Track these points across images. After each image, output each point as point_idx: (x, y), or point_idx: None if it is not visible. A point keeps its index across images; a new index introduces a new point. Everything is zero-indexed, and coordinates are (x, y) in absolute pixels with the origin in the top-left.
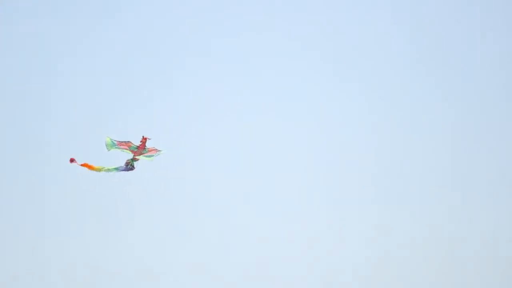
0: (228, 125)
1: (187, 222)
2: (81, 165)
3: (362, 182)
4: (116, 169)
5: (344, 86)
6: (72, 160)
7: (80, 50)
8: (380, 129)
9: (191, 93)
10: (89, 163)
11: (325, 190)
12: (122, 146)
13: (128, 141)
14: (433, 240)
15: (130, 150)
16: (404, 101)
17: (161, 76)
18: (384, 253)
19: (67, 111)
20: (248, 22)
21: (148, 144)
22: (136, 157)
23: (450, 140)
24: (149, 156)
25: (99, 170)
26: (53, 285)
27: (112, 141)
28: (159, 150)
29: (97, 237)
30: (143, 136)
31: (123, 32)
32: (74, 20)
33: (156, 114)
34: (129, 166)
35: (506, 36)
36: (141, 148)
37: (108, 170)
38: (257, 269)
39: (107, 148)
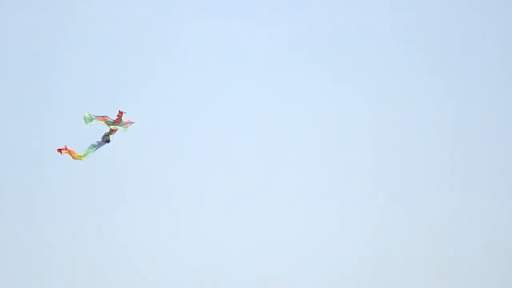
0: (227, 125)
1: (186, 222)
2: (64, 151)
3: (362, 182)
4: (94, 146)
5: (344, 86)
6: (61, 150)
7: (75, 45)
8: (380, 129)
9: (190, 91)
10: (72, 151)
11: (326, 190)
12: (99, 120)
13: (105, 116)
14: (433, 240)
15: (107, 124)
16: (404, 101)
17: (159, 74)
18: (384, 253)
19: (62, 109)
20: (248, 22)
21: (124, 118)
22: (112, 128)
23: (450, 140)
24: (124, 127)
25: (80, 158)
26: (49, 283)
27: (90, 116)
28: (133, 122)
29: (94, 236)
30: (119, 111)
31: (122, 29)
32: (73, 15)
33: (154, 111)
34: (105, 139)
35: (506, 36)
36: (117, 122)
37: (88, 153)
38: (257, 269)
39: (85, 122)
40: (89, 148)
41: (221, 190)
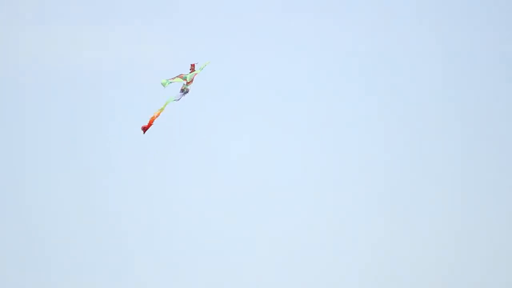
0: (227, 125)
1: (185, 222)
2: (150, 122)
3: (362, 182)
4: (174, 99)
5: (344, 86)
6: (145, 128)
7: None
8: (380, 129)
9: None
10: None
11: (325, 191)
12: (175, 79)
13: (180, 74)
14: (433, 240)
15: (183, 79)
16: (404, 100)
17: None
18: (384, 253)
19: (65, 112)
20: (247, 22)
21: (197, 67)
22: (189, 78)
23: (450, 140)
24: (200, 69)
25: (161, 110)
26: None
27: (167, 80)
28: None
29: (94, 236)
30: (191, 64)
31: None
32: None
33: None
34: (184, 91)
35: (506, 36)
36: (192, 71)
37: (167, 103)
38: (256, 269)
39: (163, 86)
40: (169, 98)
41: (220, 190)
